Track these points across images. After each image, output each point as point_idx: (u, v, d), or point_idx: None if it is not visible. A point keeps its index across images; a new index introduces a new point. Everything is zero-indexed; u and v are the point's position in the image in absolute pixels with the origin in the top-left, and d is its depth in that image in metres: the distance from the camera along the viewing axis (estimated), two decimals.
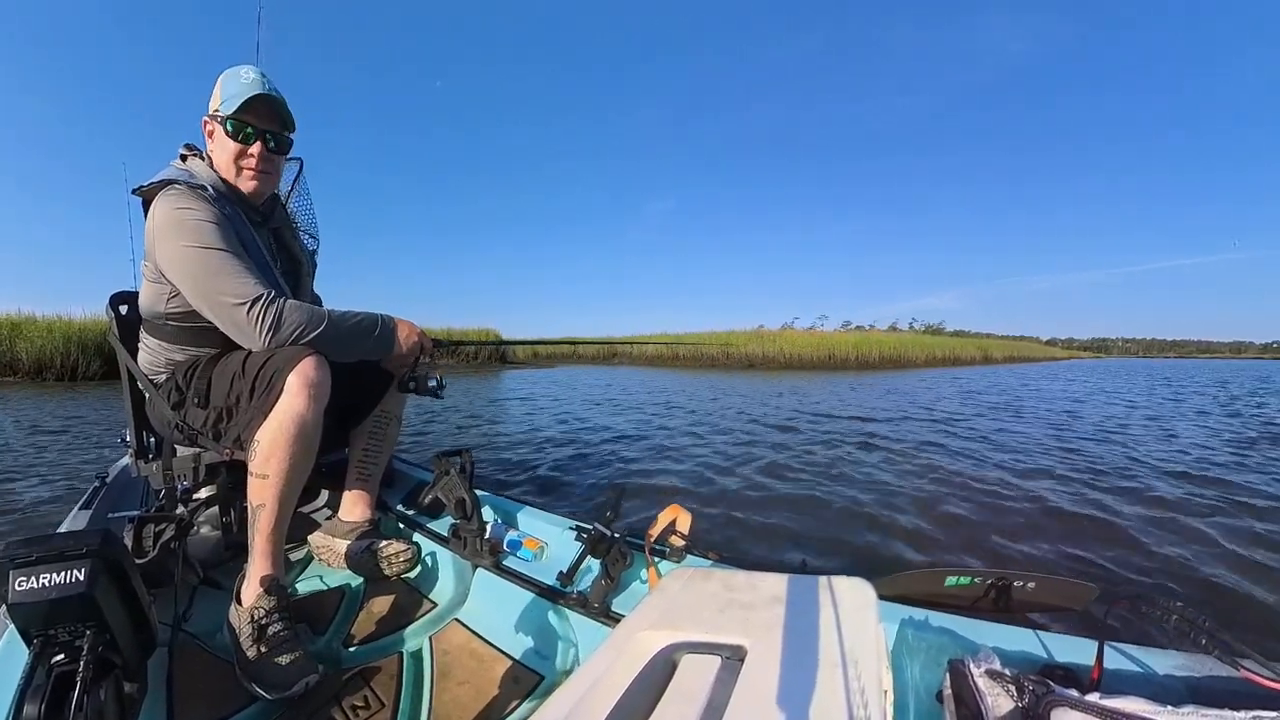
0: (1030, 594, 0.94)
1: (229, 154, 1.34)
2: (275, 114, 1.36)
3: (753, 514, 3.00)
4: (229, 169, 1.36)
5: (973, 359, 34.95)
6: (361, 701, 1.04)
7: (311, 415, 1.16)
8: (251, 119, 1.33)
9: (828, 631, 0.62)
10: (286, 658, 1.05)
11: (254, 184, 1.38)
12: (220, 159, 1.36)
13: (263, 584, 1.14)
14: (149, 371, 1.40)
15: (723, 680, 0.56)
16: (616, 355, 26.95)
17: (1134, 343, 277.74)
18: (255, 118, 1.33)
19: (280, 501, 1.16)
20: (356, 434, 1.63)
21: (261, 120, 1.34)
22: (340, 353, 1.27)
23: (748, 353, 24.60)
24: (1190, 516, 2.97)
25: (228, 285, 1.19)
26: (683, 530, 1.31)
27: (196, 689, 1.04)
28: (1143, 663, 0.80)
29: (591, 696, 0.54)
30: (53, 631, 0.63)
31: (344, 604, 1.38)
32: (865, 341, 27.20)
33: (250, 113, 1.32)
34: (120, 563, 0.66)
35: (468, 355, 19.31)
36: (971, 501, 3.23)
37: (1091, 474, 3.92)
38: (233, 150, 1.34)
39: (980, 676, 0.75)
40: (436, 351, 1.48)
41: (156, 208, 1.24)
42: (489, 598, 1.36)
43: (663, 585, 0.78)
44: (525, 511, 1.63)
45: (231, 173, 1.36)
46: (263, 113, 1.34)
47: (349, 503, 1.59)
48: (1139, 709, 0.64)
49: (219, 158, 1.36)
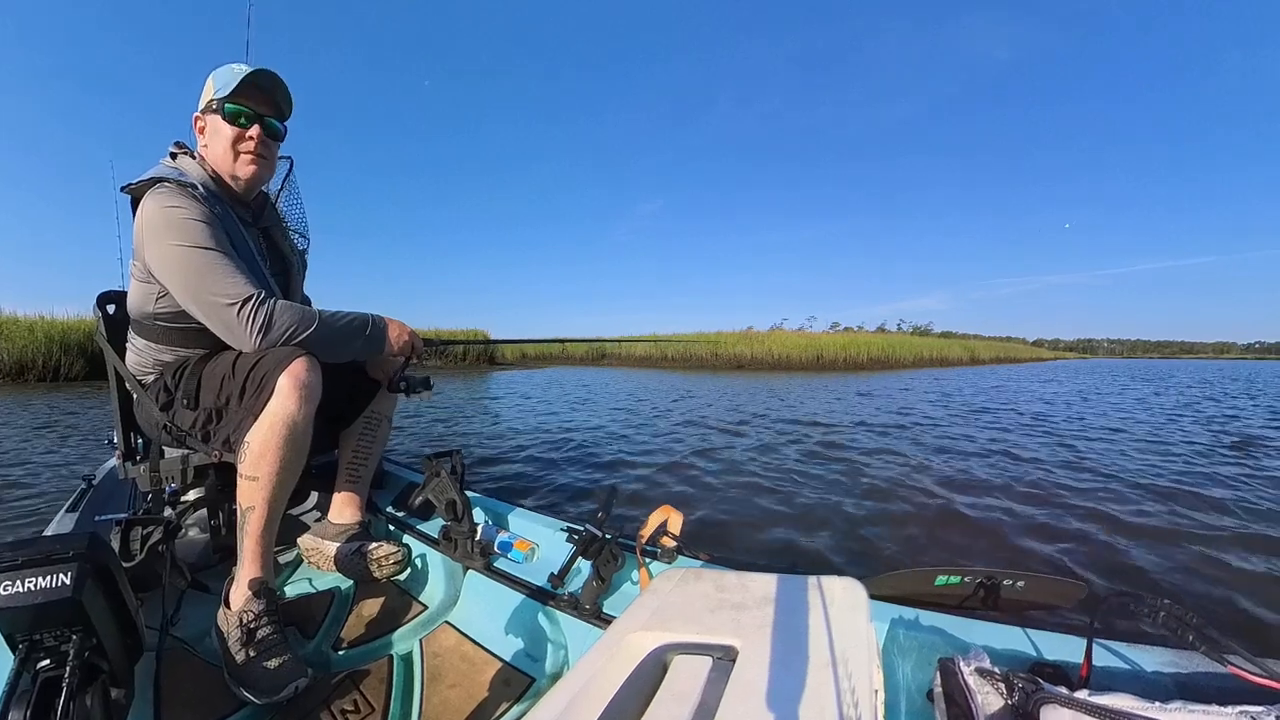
0: (1019, 592, 0.95)
1: (226, 140, 1.32)
2: (271, 98, 1.36)
3: (747, 515, 3.01)
4: (225, 157, 1.34)
5: (960, 360, 35.19)
6: (351, 705, 1.03)
7: (302, 417, 1.15)
8: (249, 102, 1.32)
9: (818, 631, 0.62)
10: (275, 661, 1.04)
11: (253, 168, 1.36)
12: (216, 149, 1.34)
13: (251, 587, 1.13)
14: (137, 372, 1.39)
15: (714, 681, 0.56)
16: (605, 355, 26.94)
17: (1119, 344, 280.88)
18: (252, 101, 1.32)
19: (270, 504, 1.16)
20: (346, 435, 1.63)
21: (258, 104, 1.33)
22: (331, 353, 1.26)
23: (736, 354, 24.66)
24: (1184, 522, 3.00)
25: (218, 285, 1.18)
26: (674, 531, 1.31)
27: (184, 694, 1.03)
28: (1131, 659, 0.81)
29: (583, 698, 0.53)
30: (38, 636, 0.62)
31: (333, 607, 1.37)
32: (853, 343, 27.33)
33: (246, 96, 1.31)
34: (107, 566, 0.65)
35: (456, 356, 19.24)
36: (962, 502, 3.26)
37: (1079, 474, 3.96)
38: (230, 135, 1.32)
39: (970, 675, 0.75)
40: (426, 351, 1.47)
41: (146, 205, 1.22)
42: (480, 600, 1.35)
43: (654, 586, 0.78)
44: (516, 513, 1.62)
45: (228, 160, 1.34)
46: (259, 96, 1.33)
47: (339, 505, 1.58)
48: (1128, 705, 0.64)
49: (214, 148, 1.34)
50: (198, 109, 1.34)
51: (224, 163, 1.35)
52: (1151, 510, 3.10)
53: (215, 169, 1.35)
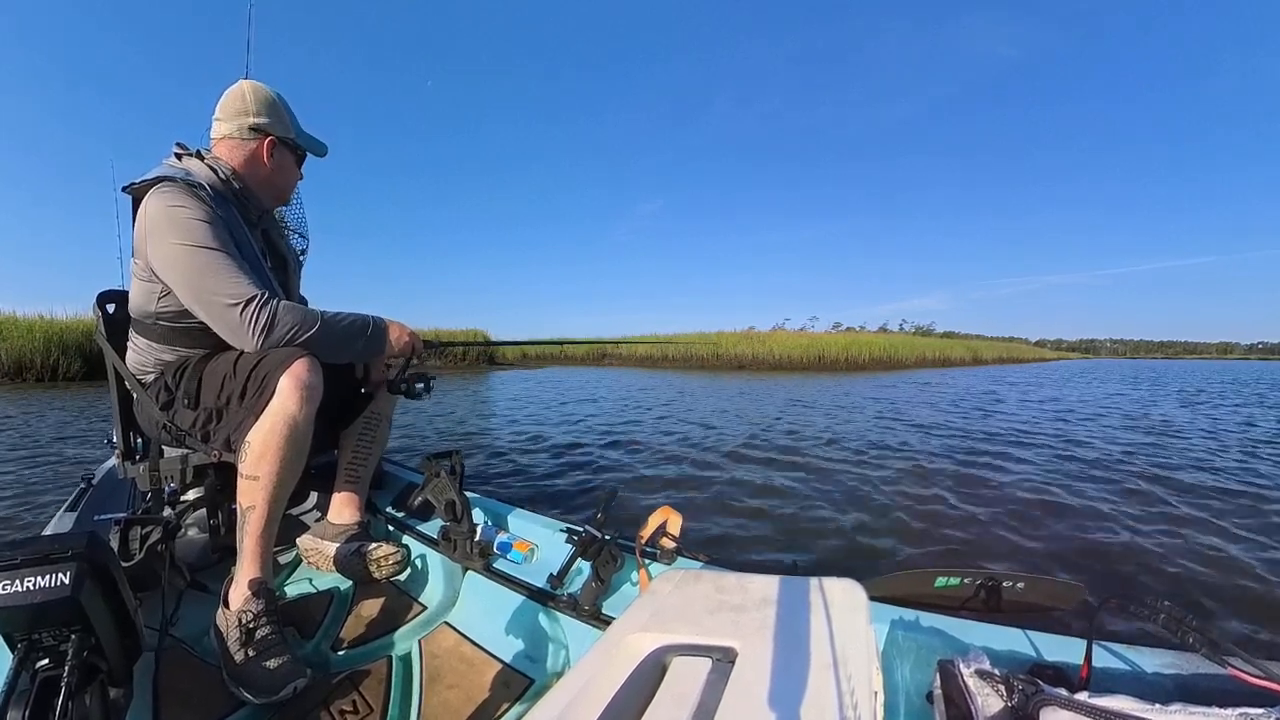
0: (1019, 594, 0.95)
1: (290, 173, 1.50)
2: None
3: (747, 516, 3.01)
4: (287, 186, 1.51)
5: (962, 360, 35.17)
6: (350, 706, 1.03)
7: (303, 417, 1.15)
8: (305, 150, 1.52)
9: (818, 633, 0.62)
10: (274, 661, 1.04)
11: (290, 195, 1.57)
12: (283, 177, 1.48)
13: (251, 587, 1.13)
14: (137, 371, 1.39)
15: (713, 682, 0.56)
16: (606, 356, 26.90)
17: (1122, 344, 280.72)
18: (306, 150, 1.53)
19: (270, 504, 1.16)
20: (346, 435, 1.62)
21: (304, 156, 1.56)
22: (332, 354, 1.26)
23: (738, 354, 24.63)
24: (1187, 526, 3.00)
25: (221, 285, 1.18)
26: (673, 532, 1.31)
27: (183, 694, 1.03)
28: (1131, 661, 0.81)
29: (582, 699, 0.53)
30: (37, 636, 0.62)
31: (332, 607, 1.37)
32: (855, 343, 27.28)
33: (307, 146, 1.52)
34: (106, 566, 0.65)
35: (456, 356, 19.23)
36: (961, 502, 3.26)
37: (1081, 474, 3.95)
38: (295, 172, 1.51)
39: (970, 676, 0.75)
40: (426, 352, 1.48)
41: (149, 204, 1.22)
42: (479, 601, 1.35)
43: (653, 587, 0.78)
44: (516, 514, 1.62)
45: (287, 189, 1.52)
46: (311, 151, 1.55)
47: (338, 505, 1.58)
48: (1127, 707, 0.64)
49: (281, 176, 1.47)
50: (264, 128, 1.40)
51: (281, 188, 1.50)
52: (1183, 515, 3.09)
53: (262, 184, 1.44)
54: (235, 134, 1.38)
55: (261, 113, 1.39)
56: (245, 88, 1.40)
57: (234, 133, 1.38)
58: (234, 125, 1.38)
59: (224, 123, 1.39)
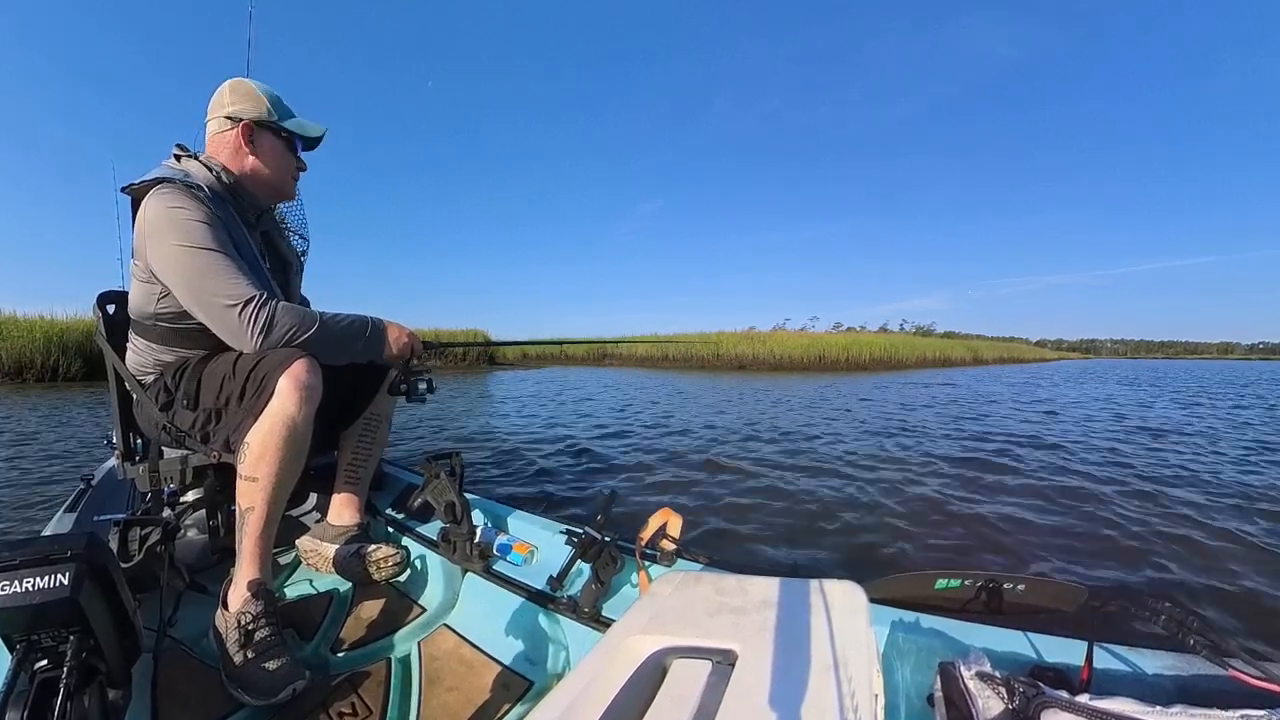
0: (1020, 596, 0.95)
1: (279, 157, 1.43)
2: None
3: (747, 517, 3.01)
4: (278, 172, 1.44)
5: (963, 360, 35.15)
6: (349, 708, 1.03)
7: (303, 418, 1.15)
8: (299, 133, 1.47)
9: (819, 635, 0.62)
10: (273, 663, 1.04)
11: (293, 187, 1.51)
12: (270, 162, 1.42)
13: (250, 588, 1.13)
14: (137, 372, 1.39)
15: (713, 685, 0.56)
16: (606, 356, 26.90)
17: (1122, 344, 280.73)
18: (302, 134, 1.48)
19: (270, 505, 1.16)
20: (346, 437, 1.62)
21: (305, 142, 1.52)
22: (331, 355, 1.26)
23: (738, 354, 24.62)
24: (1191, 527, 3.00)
25: (220, 286, 1.18)
26: (673, 534, 1.31)
27: (182, 695, 1.03)
28: (1132, 663, 0.80)
29: (582, 702, 0.53)
30: (36, 637, 0.62)
31: (332, 609, 1.37)
32: (855, 343, 27.27)
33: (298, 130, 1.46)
34: (105, 567, 0.65)
35: (456, 356, 19.24)
36: (962, 503, 3.25)
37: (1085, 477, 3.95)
38: (285, 154, 1.45)
39: (971, 678, 0.75)
40: (426, 353, 1.48)
41: (148, 206, 1.22)
42: (478, 602, 1.35)
43: (653, 589, 0.77)
44: (515, 515, 1.62)
45: (280, 176, 1.45)
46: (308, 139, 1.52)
47: (338, 506, 1.58)
48: (1128, 709, 0.64)
49: (269, 161, 1.41)
50: (237, 114, 1.37)
51: (276, 180, 1.44)
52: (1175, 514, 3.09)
53: (251, 176, 1.40)
54: (218, 129, 1.39)
55: (236, 101, 1.39)
56: (226, 84, 1.40)
57: (217, 129, 1.39)
58: (216, 121, 1.39)
59: (210, 122, 1.40)
